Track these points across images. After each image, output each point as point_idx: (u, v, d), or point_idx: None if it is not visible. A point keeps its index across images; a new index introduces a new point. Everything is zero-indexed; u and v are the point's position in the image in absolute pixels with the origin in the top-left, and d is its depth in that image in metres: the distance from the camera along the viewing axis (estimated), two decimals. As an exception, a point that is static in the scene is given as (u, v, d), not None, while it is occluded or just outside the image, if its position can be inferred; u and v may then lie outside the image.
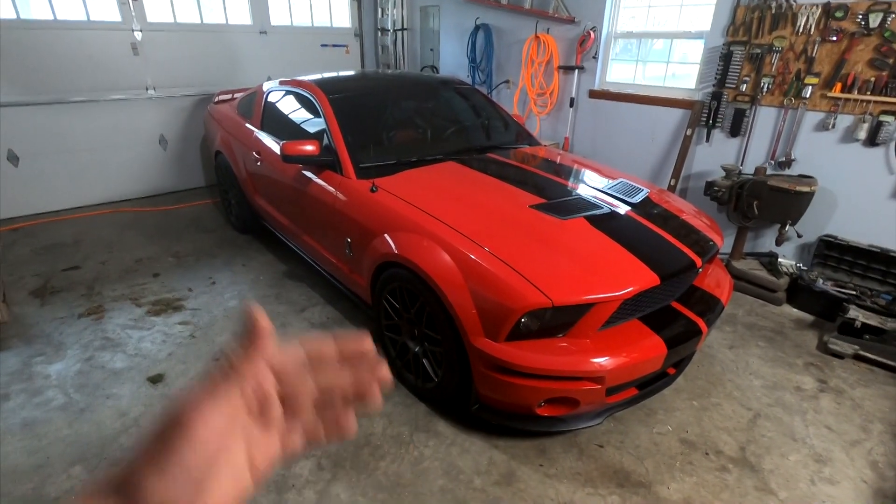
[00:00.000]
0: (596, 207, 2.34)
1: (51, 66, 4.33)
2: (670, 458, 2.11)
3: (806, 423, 2.32)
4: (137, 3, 4.60)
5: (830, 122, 3.09)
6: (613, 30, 4.28)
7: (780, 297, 3.29)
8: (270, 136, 3.42)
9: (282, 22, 5.62)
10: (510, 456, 2.09)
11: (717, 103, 3.57)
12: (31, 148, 4.41)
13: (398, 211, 2.32)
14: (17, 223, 4.38)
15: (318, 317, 3.08)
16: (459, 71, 5.68)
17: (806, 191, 3.08)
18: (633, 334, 1.99)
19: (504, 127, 3.51)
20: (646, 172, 4.21)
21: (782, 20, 3.16)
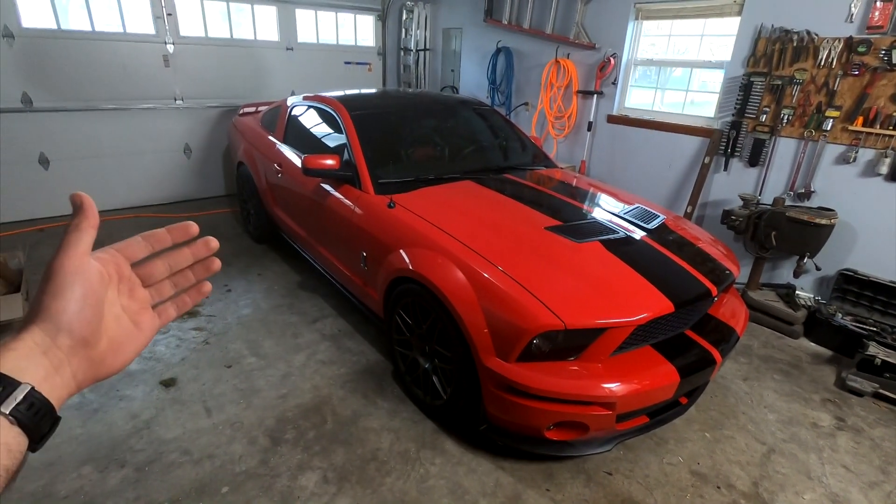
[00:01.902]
0: (611, 232, 2.34)
1: (85, 75, 4.50)
2: (680, 490, 2.07)
3: (822, 461, 2.26)
4: (171, 18, 4.78)
5: (851, 156, 3.07)
6: (633, 57, 4.33)
7: (797, 330, 3.23)
8: (292, 150, 3.50)
9: (308, 39, 5.78)
10: (517, 478, 2.07)
11: (737, 133, 3.57)
12: (61, 152, 4.57)
13: (414, 227, 2.35)
14: (43, 224, 4.51)
15: (329, 328, 3.10)
16: (479, 92, 5.77)
17: (825, 223, 3.05)
18: (646, 361, 1.97)
19: (521, 148, 3.55)
20: (662, 199, 4.20)
21: (804, 53, 3.17)
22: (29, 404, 0.40)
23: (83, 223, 0.49)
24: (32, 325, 0.44)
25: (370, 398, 2.50)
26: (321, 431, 2.27)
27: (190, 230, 0.57)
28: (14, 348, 0.42)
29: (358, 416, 2.37)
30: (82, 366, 0.46)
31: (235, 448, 2.16)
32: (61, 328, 0.44)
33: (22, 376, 0.41)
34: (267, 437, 2.22)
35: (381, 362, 2.78)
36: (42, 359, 0.43)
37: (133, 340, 0.52)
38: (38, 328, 0.44)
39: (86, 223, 0.49)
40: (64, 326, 0.45)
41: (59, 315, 0.45)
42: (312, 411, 2.39)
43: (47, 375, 0.43)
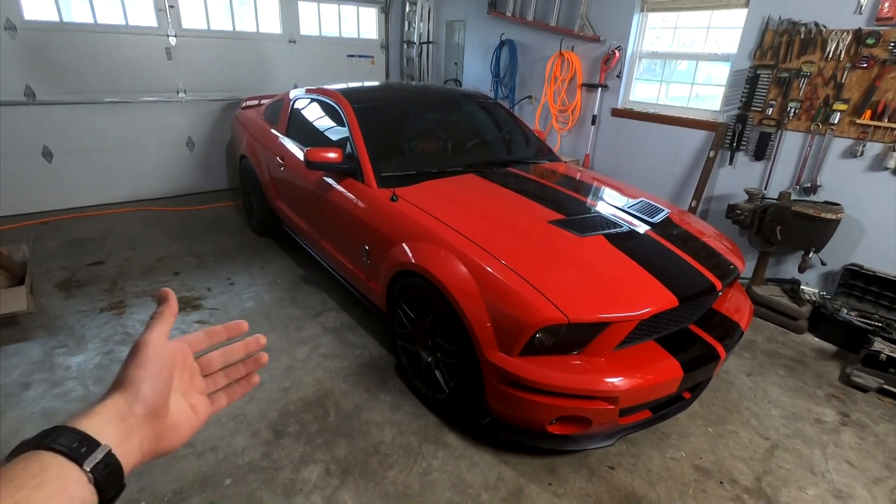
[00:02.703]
0: (615, 226, 2.33)
1: (88, 68, 4.49)
2: (683, 484, 2.06)
3: (826, 456, 2.25)
4: (174, 10, 4.76)
5: (859, 150, 3.04)
6: (639, 49, 4.28)
7: (801, 326, 3.22)
8: (295, 143, 3.49)
9: (311, 32, 5.75)
10: (519, 472, 2.07)
11: (742, 126, 3.54)
12: (64, 145, 4.57)
13: (417, 221, 2.34)
14: (46, 217, 4.52)
15: (331, 322, 3.10)
16: (482, 85, 5.73)
17: (831, 218, 3.03)
18: (649, 356, 1.96)
19: (525, 142, 3.53)
20: (666, 193, 4.17)
21: (811, 45, 3.13)
22: (105, 465, 0.44)
23: (166, 311, 0.59)
24: (115, 393, 0.50)
25: (373, 392, 2.50)
26: (324, 424, 2.28)
27: (241, 327, 0.66)
28: (98, 413, 0.47)
29: (360, 410, 2.37)
30: (148, 436, 0.51)
31: (238, 441, 2.16)
32: (139, 397, 0.50)
33: (101, 437, 0.45)
34: (270, 430, 2.23)
35: (383, 356, 2.79)
36: (119, 424, 0.48)
37: (188, 422, 0.57)
38: (119, 395, 0.50)
39: (168, 312, 0.59)
40: (141, 395, 0.51)
41: (139, 384, 0.51)
42: (315, 404, 2.40)
43: (122, 440, 0.47)
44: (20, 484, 0.38)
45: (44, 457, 0.41)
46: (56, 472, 0.41)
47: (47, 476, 0.40)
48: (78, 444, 0.43)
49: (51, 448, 0.42)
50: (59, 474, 0.41)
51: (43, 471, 0.40)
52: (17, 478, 0.39)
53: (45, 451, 0.42)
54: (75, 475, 0.42)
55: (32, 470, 0.40)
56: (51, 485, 0.40)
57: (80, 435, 0.44)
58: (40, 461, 0.41)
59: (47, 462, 0.41)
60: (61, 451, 0.42)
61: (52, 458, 0.42)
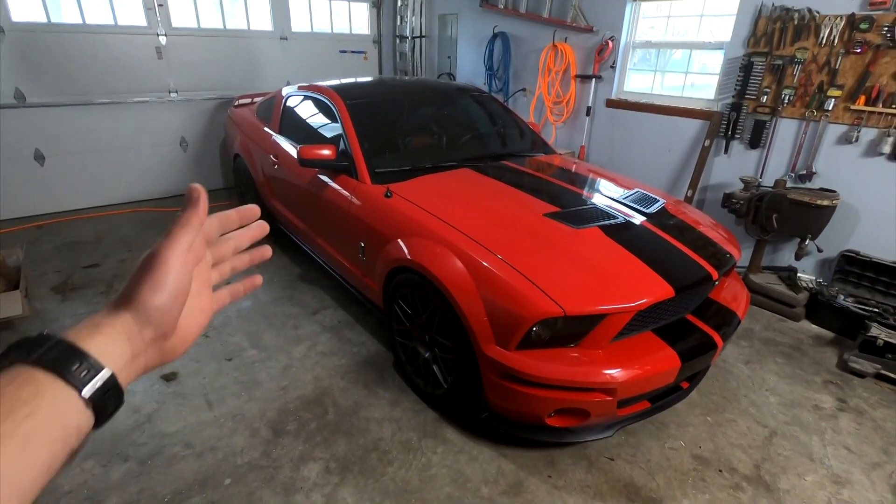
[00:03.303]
0: (611, 217, 2.32)
1: (78, 69, 4.45)
2: (682, 473, 2.07)
3: (824, 442, 2.26)
4: (163, 9, 4.71)
5: (853, 136, 3.03)
6: (632, 39, 4.26)
7: (798, 313, 3.22)
8: (288, 140, 3.47)
9: (302, 28, 5.71)
10: (518, 466, 2.07)
11: (737, 114, 3.53)
12: (56, 147, 4.53)
13: (412, 217, 2.33)
14: (40, 220, 4.49)
15: (329, 320, 3.09)
16: (476, 78, 5.70)
17: (827, 205, 3.02)
18: (647, 346, 1.96)
19: (520, 135, 3.51)
20: (662, 183, 4.17)
21: (805, 31, 3.12)
22: (105, 389, 0.40)
23: (193, 219, 0.49)
24: (125, 312, 0.45)
25: (371, 388, 2.50)
26: (323, 422, 2.27)
27: (255, 212, 0.58)
28: (104, 332, 0.43)
29: (359, 407, 2.37)
30: (154, 355, 0.47)
31: (237, 440, 2.16)
32: (150, 321, 0.45)
33: (105, 360, 0.41)
34: (269, 429, 2.23)
35: (381, 353, 2.78)
36: (126, 345, 0.44)
37: (194, 327, 0.52)
38: (130, 316, 0.45)
39: (195, 219, 0.49)
40: (153, 320, 0.45)
41: (152, 309, 0.45)
42: (314, 402, 2.40)
43: (126, 363, 0.44)
44: (9, 410, 0.34)
45: (38, 378, 0.37)
46: (51, 399, 0.37)
47: (41, 403, 0.36)
48: (78, 367, 0.39)
49: (48, 369, 0.37)
50: (54, 401, 0.37)
51: (36, 396, 0.36)
52: (6, 402, 0.35)
53: (41, 370, 0.37)
54: (73, 402, 0.38)
55: (24, 394, 0.36)
56: (43, 413, 0.36)
57: (81, 355, 0.39)
58: (35, 384, 0.37)
59: (42, 385, 0.37)
60: (60, 375, 0.38)
61: (49, 380, 0.37)
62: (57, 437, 0.36)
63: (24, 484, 0.34)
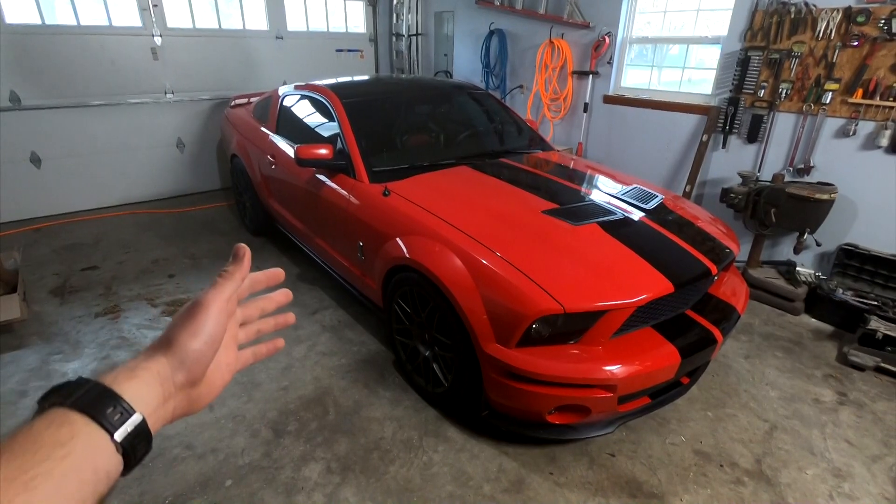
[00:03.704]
0: (609, 213, 2.32)
1: (73, 70, 4.43)
2: (684, 469, 2.07)
3: (825, 436, 2.26)
4: (158, 9, 4.69)
5: (851, 129, 3.03)
6: (629, 35, 4.25)
7: (797, 307, 3.22)
8: (285, 140, 3.46)
9: (298, 27, 5.69)
10: (520, 463, 2.07)
11: (735, 109, 3.52)
12: (52, 150, 4.52)
13: (410, 215, 2.32)
14: (38, 223, 4.48)
15: (329, 319, 3.09)
16: (473, 76, 5.69)
17: (825, 198, 3.02)
18: (647, 342, 1.96)
19: (517, 132, 3.50)
20: (660, 178, 4.16)
21: (802, 25, 3.11)
22: (136, 434, 0.42)
23: (236, 273, 0.54)
24: (161, 355, 0.47)
25: (372, 388, 2.49)
26: (323, 422, 2.27)
27: (280, 275, 0.62)
28: (138, 376, 0.45)
29: (360, 406, 2.37)
30: (182, 402, 0.49)
31: (238, 441, 2.16)
32: (184, 365, 0.48)
33: (137, 405, 0.42)
34: (269, 430, 2.22)
35: (381, 352, 2.78)
36: (158, 389, 0.46)
37: (220, 381, 0.54)
38: (165, 359, 0.47)
39: (238, 273, 0.55)
40: (187, 364, 0.48)
41: (188, 352, 0.48)
42: (314, 402, 2.39)
43: (157, 408, 0.45)
44: (47, 450, 0.36)
45: (75, 421, 0.39)
46: (85, 441, 0.38)
47: (76, 445, 0.38)
48: (112, 411, 0.40)
49: (84, 411, 0.39)
50: (88, 443, 0.38)
51: (72, 438, 0.38)
52: (44, 446, 0.36)
53: (78, 412, 0.39)
54: (105, 445, 0.39)
55: (61, 437, 0.37)
56: (78, 454, 0.37)
57: (115, 399, 0.41)
58: (71, 426, 0.38)
59: (78, 428, 0.38)
60: (94, 417, 0.39)
61: (84, 423, 0.39)
62: (89, 479, 0.38)
63: None
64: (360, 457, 2.09)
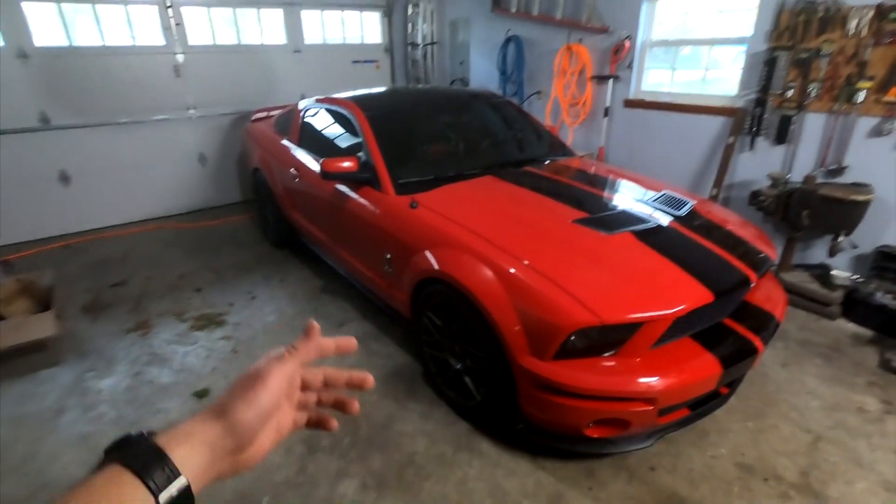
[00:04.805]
0: (641, 221, 2.28)
1: (99, 90, 4.53)
2: (727, 483, 2.01)
3: (872, 447, 2.18)
4: (180, 28, 4.78)
5: (886, 128, 2.94)
6: (648, 38, 4.21)
7: (834, 312, 3.13)
8: (308, 153, 3.48)
9: (315, 40, 5.75)
10: (557, 478, 2.03)
11: (762, 110, 3.45)
12: (81, 168, 4.62)
13: (439, 227, 2.31)
14: (68, 240, 4.57)
15: (354, 331, 3.08)
16: (490, 83, 5.69)
17: (861, 199, 2.94)
18: (686, 353, 1.92)
19: (539, 139, 3.48)
20: (685, 182, 4.10)
21: (830, 23, 3.04)
22: (179, 497, 0.43)
23: (303, 349, 0.55)
24: (214, 420, 0.48)
25: (402, 401, 2.48)
26: (356, 437, 2.26)
27: (351, 346, 0.61)
28: (188, 441, 0.46)
29: (392, 421, 2.36)
30: (227, 466, 0.49)
31: (272, 457, 2.16)
32: (235, 433, 0.48)
33: (185, 468, 0.44)
34: (303, 445, 2.22)
35: (409, 364, 2.77)
36: (206, 454, 0.47)
37: (269, 443, 0.54)
38: (217, 424, 0.48)
39: (304, 349, 0.55)
40: (238, 432, 0.48)
41: (241, 421, 0.48)
42: (346, 417, 2.35)
43: (203, 472, 0.46)
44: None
45: (126, 480, 0.41)
46: (131, 500, 0.41)
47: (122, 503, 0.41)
48: (160, 474, 0.43)
49: (135, 472, 0.42)
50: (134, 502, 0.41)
51: (121, 497, 0.41)
52: (102, 498, 0.40)
53: (130, 472, 0.41)
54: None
55: (113, 493, 0.40)
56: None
57: (164, 461, 0.43)
58: (121, 488, 0.41)
59: (128, 488, 0.41)
60: (143, 479, 0.42)
61: (135, 484, 0.41)
62: None
63: None
64: (394, 472, 2.07)
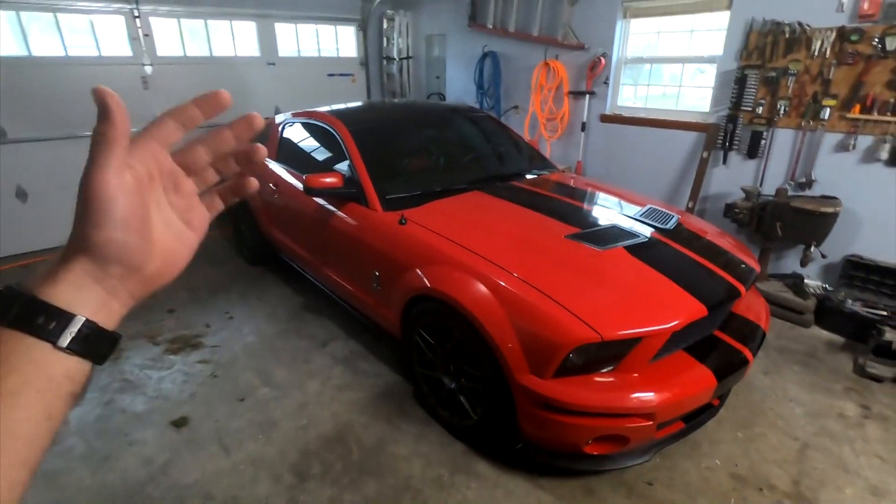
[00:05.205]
0: (632, 236, 2.30)
1: (61, 102, 4.31)
2: (723, 494, 2.03)
3: (856, 452, 2.25)
4: (148, 39, 4.63)
5: (850, 143, 3.10)
6: (624, 55, 4.33)
7: (808, 319, 3.24)
8: (288, 168, 3.40)
9: (289, 53, 5.68)
10: (557, 497, 2.00)
11: (733, 126, 3.58)
12: (40, 183, 4.37)
13: (430, 244, 2.27)
14: (25, 259, 4.30)
15: (340, 351, 3.00)
16: (466, 97, 5.72)
17: (830, 211, 3.07)
18: (682, 367, 1.93)
19: (524, 154, 3.50)
20: (662, 195, 4.20)
21: (797, 44, 3.20)
22: (86, 335, 0.39)
23: (111, 132, 0.40)
24: (80, 255, 0.40)
25: (394, 422, 2.41)
26: (348, 462, 2.18)
27: (220, 99, 0.47)
28: (65, 280, 0.39)
29: (384, 443, 2.28)
30: (137, 286, 0.43)
31: (261, 488, 2.05)
32: (109, 259, 0.40)
33: (76, 308, 0.39)
34: (292, 473, 2.12)
35: (399, 383, 2.70)
36: (95, 287, 0.40)
37: (186, 242, 0.47)
38: (85, 258, 0.40)
39: (114, 132, 0.41)
40: (112, 257, 0.41)
41: (106, 247, 0.40)
42: (336, 441, 2.30)
43: (102, 303, 0.41)
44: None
45: (9, 337, 0.36)
46: (25, 355, 0.36)
47: (19, 359, 0.36)
48: (45, 320, 0.37)
49: (14, 327, 0.37)
50: (30, 356, 0.37)
51: (12, 353, 0.36)
52: None
53: (8, 329, 0.37)
54: (50, 354, 0.37)
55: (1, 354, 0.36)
56: (24, 368, 0.36)
57: (45, 308, 0.37)
58: (7, 342, 0.36)
59: (14, 343, 0.36)
60: (27, 331, 0.37)
61: (19, 337, 0.37)
62: (45, 387, 0.37)
63: (24, 435, 0.35)
64: (391, 498, 2.00)
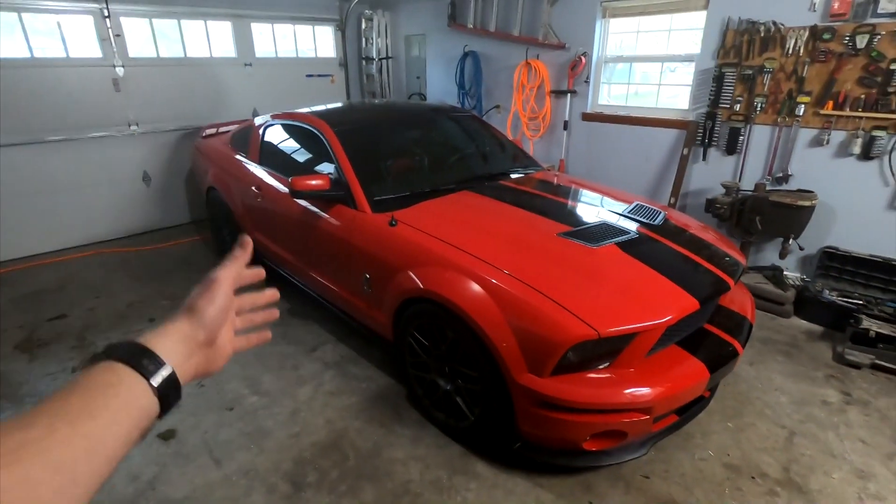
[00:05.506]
0: (623, 232, 2.33)
1: (28, 106, 4.15)
2: (717, 484, 2.06)
3: (840, 437, 2.32)
4: (119, 39, 4.48)
5: (825, 139, 3.20)
6: (603, 54, 4.38)
7: (788, 310, 3.34)
8: (271, 171, 3.33)
9: (267, 53, 5.57)
10: (556, 495, 2.01)
11: (712, 123, 3.66)
12: (7, 190, 4.19)
13: (422, 245, 2.25)
14: (-8, 271, 4.12)
15: (330, 356, 2.95)
16: (447, 97, 5.71)
17: (807, 205, 3.16)
18: (675, 360, 1.96)
19: (509, 153, 3.51)
20: (644, 191, 4.26)
21: (771, 43, 3.28)
22: (168, 381, 0.51)
23: (241, 257, 0.66)
24: (184, 318, 0.57)
25: (389, 426, 2.38)
26: (344, 469, 2.14)
27: (260, 274, 0.70)
28: (167, 334, 0.55)
29: (380, 448, 2.25)
30: (201, 360, 0.58)
31: (255, 500, 2.00)
32: (203, 326, 0.57)
33: (167, 358, 0.52)
34: (287, 483, 2.07)
35: (392, 386, 2.67)
36: (183, 346, 0.55)
37: (226, 352, 0.63)
38: (187, 321, 0.57)
39: (242, 258, 0.66)
40: (205, 325, 0.58)
41: (206, 315, 0.58)
42: (330, 448, 2.26)
43: (182, 361, 0.54)
44: (101, 392, 0.46)
45: (118, 369, 0.48)
46: (128, 384, 0.48)
47: (121, 387, 0.47)
48: (147, 362, 0.50)
49: (125, 362, 0.48)
50: (131, 386, 0.48)
51: (118, 382, 0.47)
52: (99, 387, 0.46)
53: (120, 363, 0.48)
54: (144, 388, 0.49)
55: (110, 380, 0.47)
56: (124, 394, 0.47)
57: (149, 353, 0.51)
58: (115, 373, 0.48)
59: (122, 374, 0.48)
60: (134, 366, 0.49)
61: (126, 371, 0.48)
62: (134, 415, 0.47)
63: (111, 448, 0.44)
64: (390, 503, 1.97)
